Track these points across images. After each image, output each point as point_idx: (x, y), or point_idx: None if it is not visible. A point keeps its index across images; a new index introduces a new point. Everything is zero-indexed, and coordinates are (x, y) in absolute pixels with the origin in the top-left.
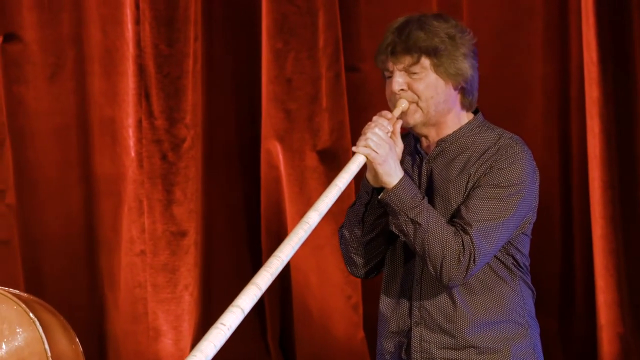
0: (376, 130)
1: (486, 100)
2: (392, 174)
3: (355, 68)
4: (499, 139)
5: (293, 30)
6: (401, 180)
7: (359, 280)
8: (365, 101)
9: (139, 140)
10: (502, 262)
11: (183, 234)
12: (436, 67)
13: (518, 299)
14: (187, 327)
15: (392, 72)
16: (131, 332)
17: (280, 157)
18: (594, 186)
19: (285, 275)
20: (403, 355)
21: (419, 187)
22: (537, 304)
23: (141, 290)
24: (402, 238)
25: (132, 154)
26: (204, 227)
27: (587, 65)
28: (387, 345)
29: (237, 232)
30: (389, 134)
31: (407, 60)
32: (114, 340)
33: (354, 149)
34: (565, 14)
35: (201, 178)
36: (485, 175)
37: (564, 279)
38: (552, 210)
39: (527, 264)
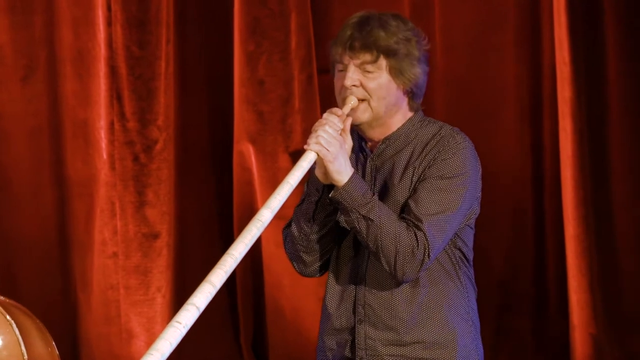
0: (327, 127)
1: (459, 99)
2: (342, 171)
3: (328, 70)
4: (440, 130)
5: (265, 32)
6: (351, 177)
7: None
8: (337, 103)
9: (111, 142)
10: (449, 256)
11: (155, 236)
12: (391, 69)
13: (463, 294)
14: (160, 329)
15: (346, 66)
16: (104, 334)
17: (253, 159)
18: (567, 186)
19: (257, 277)
20: (347, 353)
21: None
22: (511, 304)
23: (114, 292)
24: (357, 235)
25: (104, 155)
26: (177, 229)
27: (559, 65)
28: (329, 342)
29: (209, 234)
30: (339, 132)
31: (366, 57)
32: (86, 342)
33: (305, 146)
34: (537, 13)
35: (173, 180)
36: (429, 167)
37: (537, 279)
38: (524, 210)
39: (472, 257)
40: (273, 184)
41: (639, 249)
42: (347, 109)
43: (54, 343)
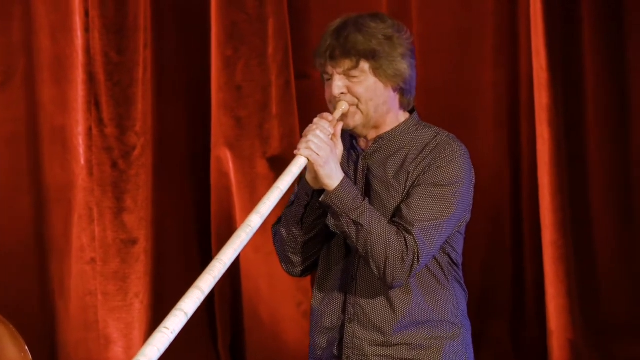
0: (317, 132)
1: (436, 105)
2: (333, 176)
3: (305, 75)
4: (436, 136)
5: (243, 37)
6: (342, 182)
7: (309, 286)
8: (315, 108)
9: (89, 148)
10: (438, 262)
11: (133, 242)
12: (375, 70)
13: (451, 299)
14: (138, 335)
15: (331, 76)
16: (82, 340)
17: (231, 164)
18: (544, 192)
19: (235, 282)
20: (335, 351)
21: (355, 183)
22: (489, 310)
23: (92, 298)
24: (346, 240)
25: (82, 161)
26: (155, 235)
27: (537, 71)
28: (320, 340)
29: (187, 240)
30: (330, 136)
31: (346, 64)
32: (64, 348)
33: (295, 151)
34: (515, 20)
35: (151, 186)
36: (424, 173)
37: (515, 285)
38: (502, 216)
39: (461, 262)
40: (251, 189)
41: (616, 255)
42: (337, 113)
43: (27, 348)
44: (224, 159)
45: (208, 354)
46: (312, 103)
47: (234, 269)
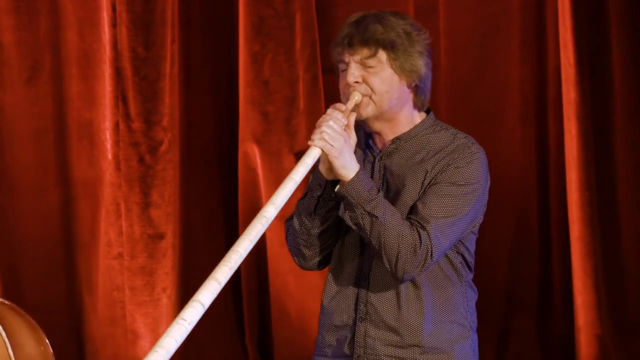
0: (331, 123)
1: (463, 101)
2: (348, 166)
3: (333, 70)
4: (454, 138)
5: (270, 32)
6: (358, 173)
7: None
8: (343, 102)
9: (116, 143)
10: (451, 262)
11: (161, 237)
12: (392, 62)
13: (462, 300)
14: (165, 329)
15: (347, 64)
16: (109, 336)
17: (258, 159)
18: (572, 187)
19: (262, 278)
20: (346, 350)
21: None
22: (516, 306)
23: (119, 293)
24: (359, 232)
25: (110, 156)
26: (182, 230)
27: (564, 66)
28: (329, 338)
29: (214, 235)
30: (343, 127)
31: (364, 52)
32: (92, 343)
33: (309, 142)
34: (542, 15)
35: (178, 181)
36: (442, 172)
37: (542, 280)
38: (530, 212)
39: (473, 262)
40: (278, 185)
41: None
42: (350, 104)
43: (47, 341)
44: (252, 154)
45: (235, 349)
46: (339, 98)
47: (261, 264)
